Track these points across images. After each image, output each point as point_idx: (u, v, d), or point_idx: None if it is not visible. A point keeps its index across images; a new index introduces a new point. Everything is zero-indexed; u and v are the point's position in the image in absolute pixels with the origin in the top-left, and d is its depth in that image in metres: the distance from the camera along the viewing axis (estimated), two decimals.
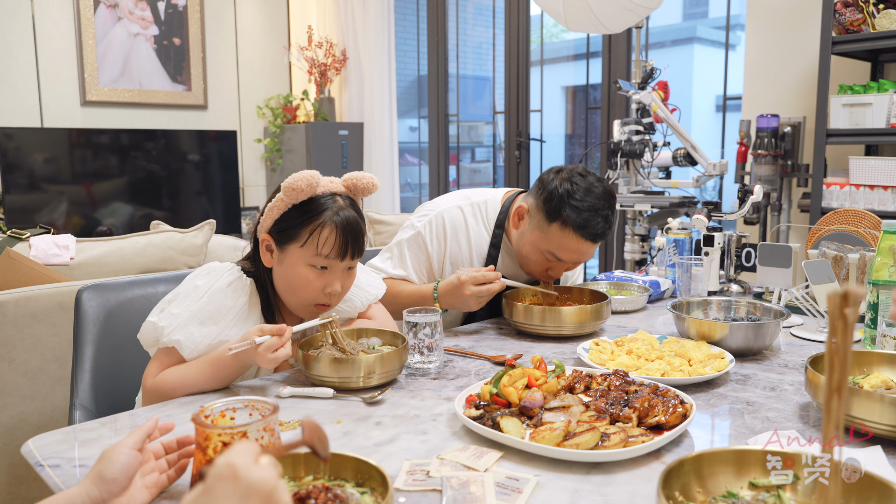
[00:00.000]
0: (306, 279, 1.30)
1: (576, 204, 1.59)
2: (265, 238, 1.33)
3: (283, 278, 1.33)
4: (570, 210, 1.59)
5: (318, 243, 1.28)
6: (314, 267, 1.30)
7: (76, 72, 4.43)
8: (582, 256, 1.66)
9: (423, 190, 5.48)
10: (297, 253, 1.29)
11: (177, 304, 1.27)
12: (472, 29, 5.75)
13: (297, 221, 1.29)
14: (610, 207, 1.63)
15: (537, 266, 1.70)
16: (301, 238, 1.29)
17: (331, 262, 1.30)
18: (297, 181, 1.26)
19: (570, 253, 1.64)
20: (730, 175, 3.08)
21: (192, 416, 0.84)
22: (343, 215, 1.30)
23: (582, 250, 1.64)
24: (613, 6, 2.72)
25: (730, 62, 3.59)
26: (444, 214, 1.78)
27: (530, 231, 1.67)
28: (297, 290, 1.32)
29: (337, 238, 1.28)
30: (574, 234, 1.60)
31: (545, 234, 1.64)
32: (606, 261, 3.96)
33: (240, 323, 1.30)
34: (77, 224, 4.30)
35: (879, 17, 2.51)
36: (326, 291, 1.32)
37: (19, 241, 2.10)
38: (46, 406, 1.84)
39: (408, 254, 1.78)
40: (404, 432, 1.05)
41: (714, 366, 1.29)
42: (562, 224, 1.60)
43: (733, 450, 0.82)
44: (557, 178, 1.64)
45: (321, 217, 1.28)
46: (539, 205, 1.65)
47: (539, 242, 1.65)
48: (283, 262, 1.32)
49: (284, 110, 5.15)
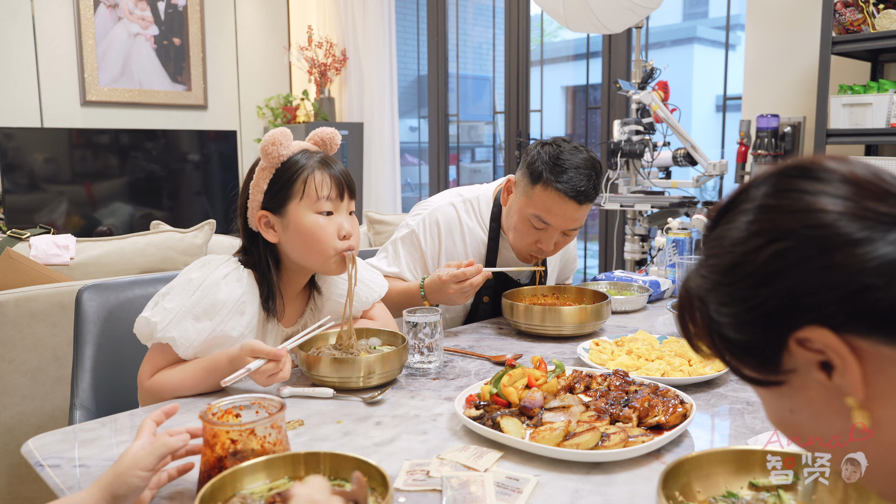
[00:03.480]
0: (317, 226, 1.29)
1: (558, 164, 1.59)
2: (261, 215, 1.32)
3: (295, 240, 1.31)
4: (552, 170, 1.58)
5: (316, 188, 1.29)
6: (320, 214, 1.30)
7: (76, 72, 4.43)
8: (568, 221, 1.62)
9: (424, 190, 5.48)
10: (299, 208, 1.30)
11: (170, 298, 1.25)
12: (472, 29, 5.75)
13: (286, 181, 1.30)
14: (593, 169, 1.62)
15: (526, 237, 1.67)
16: (297, 192, 1.29)
17: (333, 204, 1.31)
18: (270, 138, 1.28)
19: (556, 216, 1.61)
20: (730, 175, 3.07)
21: (200, 413, 0.84)
22: (323, 159, 1.33)
23: (567, 213, 1.60)
24: (613, 6, 2.72)
25: (730, 62, 3.59)
26: (437, 212, 1.78)
27: (517, 200, 1.67)
28: (313, 242, 1.30)
29: (331, 178, 1.31)
30: (557, 193, 1.58)
31: (530, 199, 1.62)
32: (606, 261, 3.96)
33: (236, 316, 1.27)
34: (77, 224, 4.30)
35: (879, 17, 2.51)
36: (341, 234, 1.31)
37: (19, 241, 2.10)
38: (46, 406, 1.84)
39: (402, 252, 1.79)
40: (404, 432, 1.05)
41: (714, 366, 1.29)
42: (544, 184, 1.59)
43: (733, 450, 0.82)
44: (540, 145, 1.65)
45: (307, 166, 1.30)
46: (524, 172, 1.65)
47: (525, 208, 1.63)
48: (288, 227, 1.31)
49: (284, 110, 5.15)
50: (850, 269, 0.47)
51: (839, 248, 0.48)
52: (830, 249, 0.48)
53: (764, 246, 0.51)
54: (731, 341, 0.55)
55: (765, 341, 0.52)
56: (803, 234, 0.49)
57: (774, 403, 0.57)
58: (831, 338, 0.49)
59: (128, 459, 0.80)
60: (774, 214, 0.51)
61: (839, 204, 0.49)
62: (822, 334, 0.49)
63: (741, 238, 0.53)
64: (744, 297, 0.52)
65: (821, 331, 0.49)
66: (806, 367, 0.52)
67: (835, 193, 0.50)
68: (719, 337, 0.56)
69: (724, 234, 0.54)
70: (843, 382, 0.50)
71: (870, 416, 0.50)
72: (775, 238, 0.50)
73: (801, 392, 0.53)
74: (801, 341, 0.50)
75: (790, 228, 0.50)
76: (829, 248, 0.48)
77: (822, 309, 0.49)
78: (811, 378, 0.52)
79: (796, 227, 0.50)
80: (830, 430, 0.53)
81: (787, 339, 0.51)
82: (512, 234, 1.71)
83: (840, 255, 0.48)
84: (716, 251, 0.55)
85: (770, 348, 0.52)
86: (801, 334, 0.50)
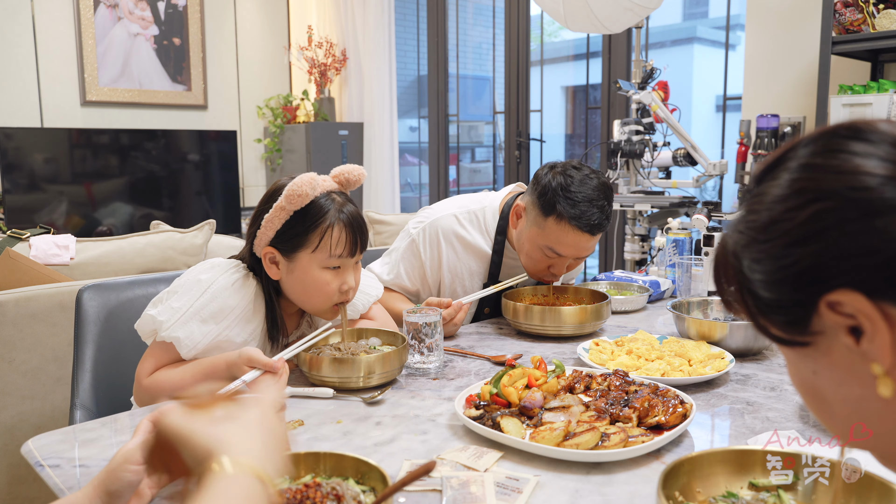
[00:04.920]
0: (323, 281, 1.28)
1: (570, 196, 1.57)
2: (268, 252, 1.30)
3: (298, 286, 1.30)
4: (564, 203, 1.57)
5: (331, 245, 1.26)
6: (328, 269, 1.28)
7: (76, 72, 4.43)
8: (581, 251, 1.63)
9: (423, 190, 5.48)
10: (309, 258, 1.27)
11: (178, 297, 1.24)
12: (472, 29, 5.75)
13: (303, 228, 1.26)
14: (606, 198, 1.61)
15: (539, 264, 1.67)
16: (311, 243, 1.26)
17: (343, 261, 1.29)
18: (300, 187, 1.23)
19: (569, 247, 1.61)
20: (730, 175, 3.07)
21: None
22: (347, 212, 1.29)
23: (580, 244, 1.61)
24: (613, 6, 2.72)
25: (730, 62, 3.59)
26: (438, 223, 1.76)
27: (528, 228, 1.66)
28: (316, 294, 1.30)
29: (347, 236, 1.28)
30: (570, 227, 1.57)
31: (542, 230, 1.61)
32: (606, 261, 3.96)
33: (242, 324, 1.28)
34: (77, 224, 4.30)
35: (879, 17, 2.51)
36: (343, 289, 1.31)
37: (19, 241, 2.10)
38: (46, 406, 1.84)
39: (402, 261, 1.79)
40: (404, 432, 1.05)
41: (714, 366, 1.29)
42: (557, 217, 1.58)
43: (733, 450, 0.82)
44: (551, 173, 1.62)
45: (327, 218, 1.26)
46: (534, 200, 1.63)
47: (537, 238, 1.63)
48: (294, 272, 1.29)
49: (284, 110, 5.15)
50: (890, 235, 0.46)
51: (881, 213, 0.47)
52: (872, 214, 0.47)
53: (804, 205, 0.50)
54: (761, 299, 0.54)
55: (795, 301, 0.52)
56: (846, 196, 0.48)
57: (798, 364, 0.56)
58: (864, 303, 0.48)
59: (119, 456, 0.80)
60: (818, 174, 0.50)
61: (886, 167, 0.48)
62: (854, 298, 0.48)
63: (782, 195, 0.52)
64: (778, 254, 0.51)
65: (854, 295, 0.48)
66: (834, 330, 0.51)
67: (883, 156, 0.49)
68: (749, 293, 0.55)
69: (766, 191, 0.53)
70: (870, 348, 0.49)
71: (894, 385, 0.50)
72: (817, 198, 0.49)
73: (826, 354, 0.53)
74: (832, 304, 0.50)
75: (833, 189, 0.49)
76: (870, 212, 0.47)
77: (857, 273, 0.48)
78: (838, 341, 0.51)
79: (839, 189, 0.49)
80: (851, 395, 0.53)
81: (818, 300, 0.50)
82: (524, 259, 1.70)
83: (882, 220, 0.47)
84: (756, 207, 0.54)
85: (799, 309, 0.52)
86: (832, 297, 0.49)
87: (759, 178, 0.56)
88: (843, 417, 0.55)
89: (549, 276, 1.71)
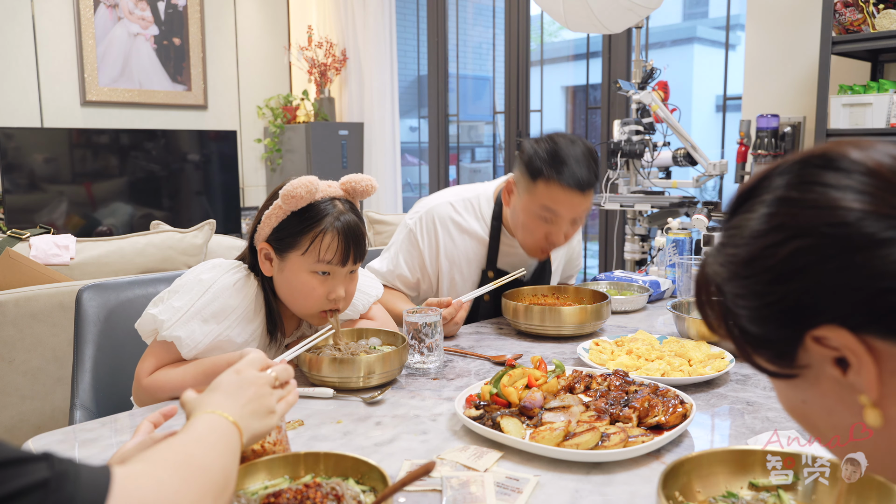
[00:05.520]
0: (309, 286, 1.28)
1: (556, 158, 1.59)
2: (263, 247, 1.30)
3: (286, 287, 1.30)
4: (551, 165, 1.59)
5: (320, 250, 1.25)
6: (316, 273, 1.27)
7: (76, 72, 4.43)
8: (573, 209, 1.62)
9: (424, 190, 5.48)
10: (299, 261, 1.27)
11: (179, 297, 1.24)
12: (472, 29, 5.75)
13: (297, 229, 1.26)
14: (593, 159, 1.62)
15: (535, 233, 1.67)
16: (302, 246, 1.26)
17: (333, 268, 1.28)
18: (295, 188, 1.23)
19: (561, 205, 1.61)
20: (730, 175, 3.07)
21: None
22: (343, 220, 1.27)
23: (572, 202, 1.61)
24: (613, 6, 2.72)
25: (730, 62, 3.59)
26: (433, 211, 1.78)
27: (520, 199, 1.67)
28: (301, 298, 1.29)
29: (339, 244, 1.26)
30: (559, 186, 1.58)
31: (533, 196, 1.62)
32: (606, 261, 3.96)
33: (243, 324, 1.27)
34: (77, 224, 4.30)
35: (879, 17, 2.51)
36: (331, 297, 1.29)
37: (19, 241, 2.10)
38: (46, 406, 1.84)
39: (400, 252, 1.80)
40: (404, 432, 1.05)
41: (714, 366, 1.29)
42: (546, 180, 1.59)
43: (733, 450, 0.82)
44: (535, 142, 1.65)
45: (322, 223, 1.25)
46: (522, 171, 1.65)
47: (530, 205, 1.64)
48: (284, 271, 1.29)
49: (284, 110, 5.15)
50: (871, 270, 0.46)
51: (861, 248, 0.47)
52: (852, 250, 0.47)
53: (784, 242, 0.50)
54: (747, 332, 0.54)
55: (781, 336, 0.52)
56: (824, 233, 0.48)
57: (787, 393, 0.57)
58: (848, 338, 0.48)
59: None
60: (796, 209, 0.50)
61: (863, 201, 0.48)
62: (839, 334, 0.48)
63: (761, 231, 0.52)
64: (761, 291, 0.51)
65: (838, 330, 0.48)
66: (821, 363, 0.51)
67: (858, 189, 0.48)
68: (735, 326, 0.55)
69: (744, 224, 0.53)
70: (857, 380, 0.50)
71: (882, 415, 0.50)
72: (796, 234, 0.49)
73: (814, 385, 0.53)
74: (817, 339, 0.50)
75: (811, 225, 0.49)
76: (850, 248, 0.47)
77: (840, 309, 0.48)
78: (825, 373, 0.52)
79: (817, 225, 0.48)
80: (841, 424, 0.53)
81: (804, 335, 0.50)
82: (521, 233, 1.70)
83: (861, 256, 0.47)
84: (735, 241, 0.54)
85: (785, 343, 0.52)
86: (817, 332, 0.49)
87: (734, 209, 0.56)
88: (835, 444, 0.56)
89: (548, 246, 1.70)
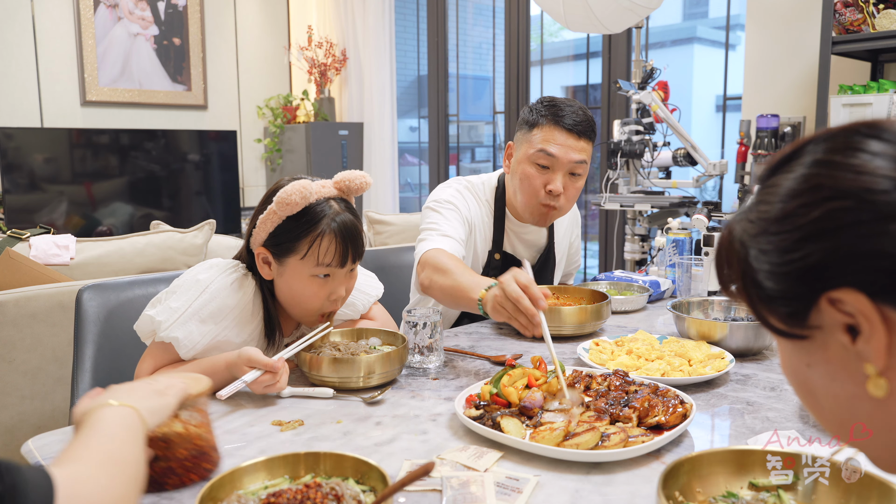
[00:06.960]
0: (310, 290, 1.27)
1: (551, 106, 1.68)
2: (260, 252, 1.29)
3: (286, 291, 1.29)
4: (546, 112, 1.67)
5: (319, 254, 1.25)
6: (317, 277, 1.27)
7: (76, 72, 4.43)
8: (571, 151, 1.66)
9: (423, 190, 5.48)
10: (298, 265, 1.26)
11: (177, 297, 1.24)
12: (472, 29, 5.75)
13: (293, 234, 1.25)
14: (587, 113, 1.70)
15: (535, 183, 1.69)
16: (300, 250, 1.25)
17: (333, 270, 1.27)
18: (289, 195, 1.22)
19: (559, 146, 1.66)
20: (730, 175, 3.07)
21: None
22: (340, 220, 1.26)
23: (567, 142, 1.66)
24: (613, 6, 2.72)
25: (730, 62, 3.59)
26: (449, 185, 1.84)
27: (518, 153, 1.73)
28: (302, 301, 1.29)
29: (337, 246, 1.25)
30: (556, 127, 1.66)
31: (531, 143, 1.69)
32: (606, 261, 3.96)
33: (241, 324, 1.27)
34: (77, 224, 4.30)
35: (879, 17, 2.51)
36: (331, 299, 1.29)
37: (19, 241, 2.10)
38: (46, 406, 1.84)
39: (443, 217, 1.70)
40: (404, 432, 1.05)
41: (714, 366, 1.29)
42: (542, 124, 1.67)
43: (733, 450, 0.82)
44: (533, 104, 1.74)
45: (318, 226, 1.24)
46: (520, 127, 1.73)
47: (528, 153, 1.69)
48: (283, 275, 1.28)
49: (284, 110, 5.15)
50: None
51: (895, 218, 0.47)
52: (886, 218, 0.47)
53: (820, 202, 0.50)
54: (764, 289, 0.54)
55: (797, 294, 0.52)
56: (862, 198, 0.48)
57: (793, 355, 0.57)
58: (865, 303, 0.48)
59: None
60: (836, 171, 0.50)
61: None
62: (856, 298, 0.49)
63: (797, 189, 0.52)
64: (788, 248, 0.52)
65: (856, 294, 0.49)
66: (831, 327, 0.52)
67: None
68: (752, 283, 0.55)
69: (780, 183, 0.54)
70: (865, 348, 0.50)
71: (887, 386, 0.50)
72: (833, 196, 0.49)
73: (821, 349, 0.53)
74: (833, 301, 0.50)
75: (849, 189, 0.49)
76: (885, 216, 0.47)
77: (863, 274, 0.48)
78: (834, 338, 0.52)
79: (856, 189, 0.49)
80: (842, 392, 0.53)
81: (820, 296, 0.51)
82: (521, 192, 1.73)
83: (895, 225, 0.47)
84: (768, 198, 0.54)
85: (800, 302, 0.52)
86: (835, 294, 0.50)
87: (773, 169, 0.56)
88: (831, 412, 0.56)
89: (549, 199, 1.70)
